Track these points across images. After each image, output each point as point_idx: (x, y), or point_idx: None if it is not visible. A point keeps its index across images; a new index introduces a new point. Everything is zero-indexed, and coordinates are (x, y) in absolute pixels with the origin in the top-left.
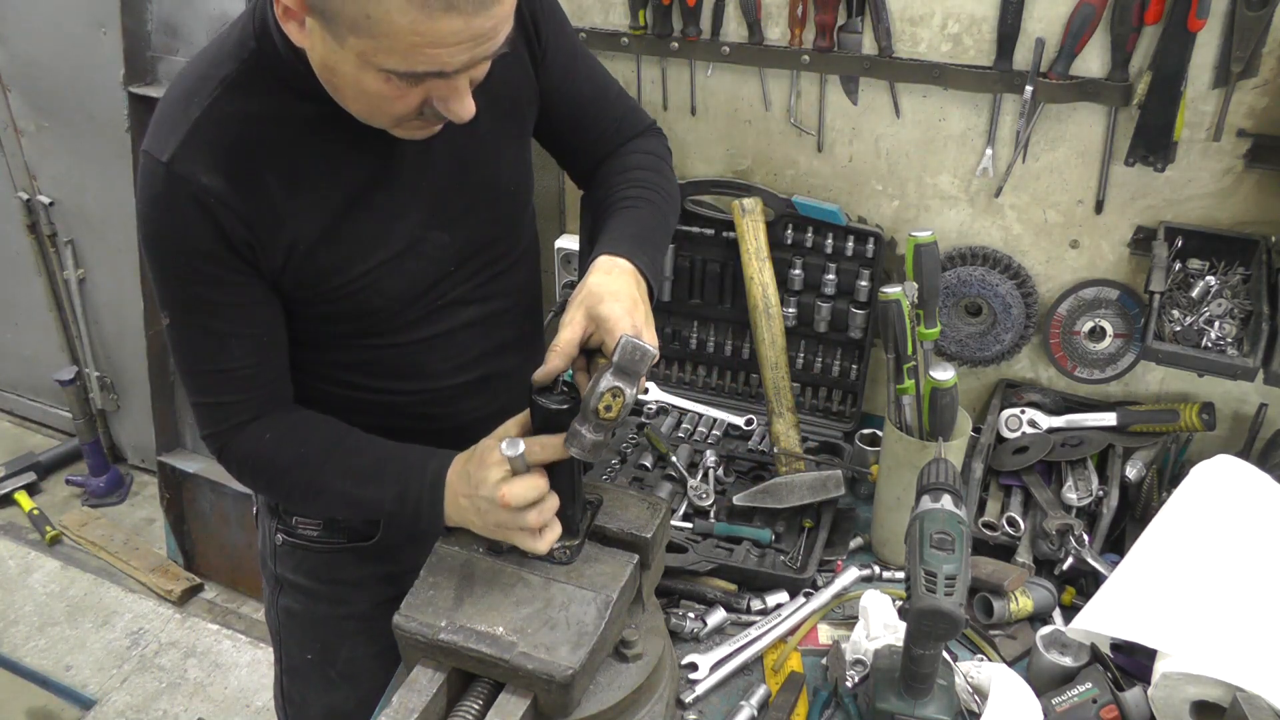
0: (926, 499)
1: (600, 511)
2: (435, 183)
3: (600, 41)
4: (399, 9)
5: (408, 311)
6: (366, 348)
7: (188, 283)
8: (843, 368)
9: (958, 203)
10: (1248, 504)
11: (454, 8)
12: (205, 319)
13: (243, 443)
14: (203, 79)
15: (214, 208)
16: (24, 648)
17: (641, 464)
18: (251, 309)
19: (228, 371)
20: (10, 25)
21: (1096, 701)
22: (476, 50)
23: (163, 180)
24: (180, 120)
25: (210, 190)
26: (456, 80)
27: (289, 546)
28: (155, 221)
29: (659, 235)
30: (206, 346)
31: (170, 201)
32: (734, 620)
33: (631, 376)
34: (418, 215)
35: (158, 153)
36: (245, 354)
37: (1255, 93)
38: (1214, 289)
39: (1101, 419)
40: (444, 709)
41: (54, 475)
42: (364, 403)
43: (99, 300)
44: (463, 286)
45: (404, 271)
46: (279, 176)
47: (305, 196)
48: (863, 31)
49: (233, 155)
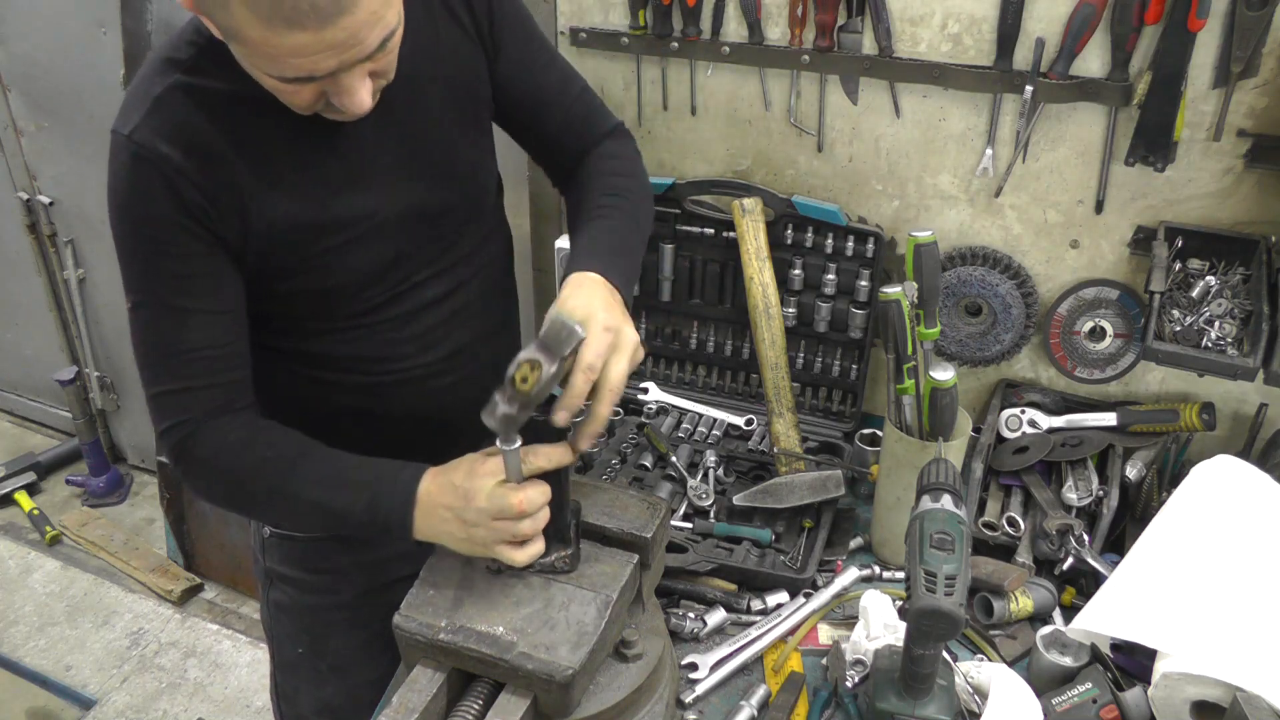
0: (926, 499)
1: (598, 512)
2: (389, 162)
3: (600, 41)
4: (248, 24)
5: (370, 291)
6: (331, 331)
7: (152, 255)
8: (843, 368)
9: (958, 203)
10: (1248, 504)
11: (297, 24)
12: (169, 295)
13: (206, 440)
14: (163, 63)
15: (173, 177)
16: (24, 648)
17: (641, 464)
18: (215, 282)
19: (192, 353)
20: (10, 25)
21: (1096, 701)
22: (344, 55)
23: (125, 151)
24: (142, 99)
25: (169, 160)
26: (339, 79)
27: (276, 538)
28: (120, 193)
29: (632, 240)
30: (171, 325)
31: (133, 171)
32: (734, 620)
33: (553, 353)
34: (374, 193)
35: (121, 128)
36: (209, 333)
37: (1255, 93)
38: (1214, 289)
39: (1101, 419)
40: (444, 709)
41: (54, 475)
42: (334, 388)
43: (99, 300)
44: (425, 269)
45: (365, 250)
46: (237, 152)
47: (263, 171)
48: (863, 31)
49: (191, 129)
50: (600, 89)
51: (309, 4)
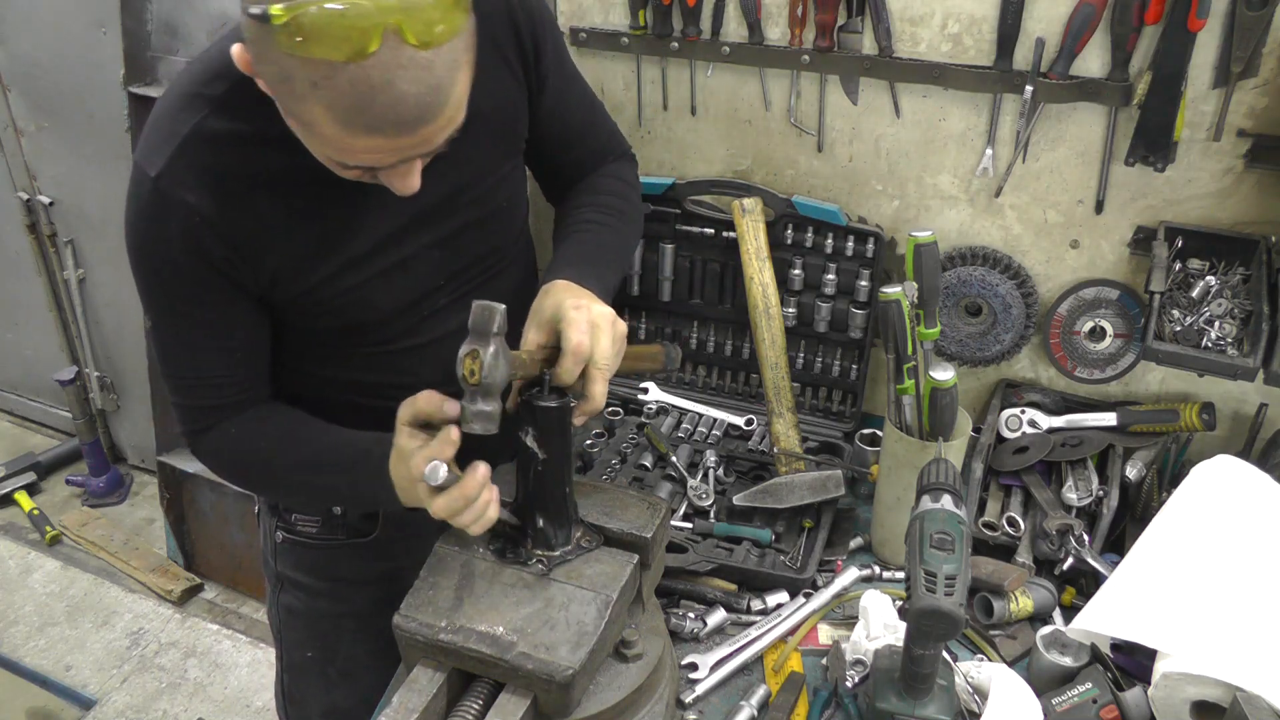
0: (926, 499)
1: (598, 512)
2: (427, 203)
3: (600, 41)
4: (324, 121)
5: (396, 323)
6: (354, 358)
7: (166, 294)
8: (843, 368)
9: (958, 203)
10: (1248, 504)
11: (376, 131)
12: (182, 329)
13: (212, 439)
14: (194, 96)
15: (198, 228)
16: (24, 648)
17: (641, 464)
18: (229, 325)
19: (203, 378)
20: (10, 25)
21: (1096, 701)
22: (410, 153)
23: (148, 195)
24: (169, 135)
25: (196, 210)
26: (398, 168)
27: (289, 544)
28: (140, 234)
29: (610, 254)
30: (183, 354)
31: (154, 217)
32: (734, 620)
33: (483, 334)
34: (409, 234)
35: (147, 166)
36: (220, 365)
37: (1255, 93)
38: (1214, 289)
39: (1101, 419)
40: (444, 709)
41: (54, 475)
42: (354, 411)
43: (99, 300)
44: (451, 297)
45: (394, 286)
46: (268, 196)
47: (296, 216)
48: (863, 31)
49: (221, 174)
50: (600, 89)
51: (394, 116)
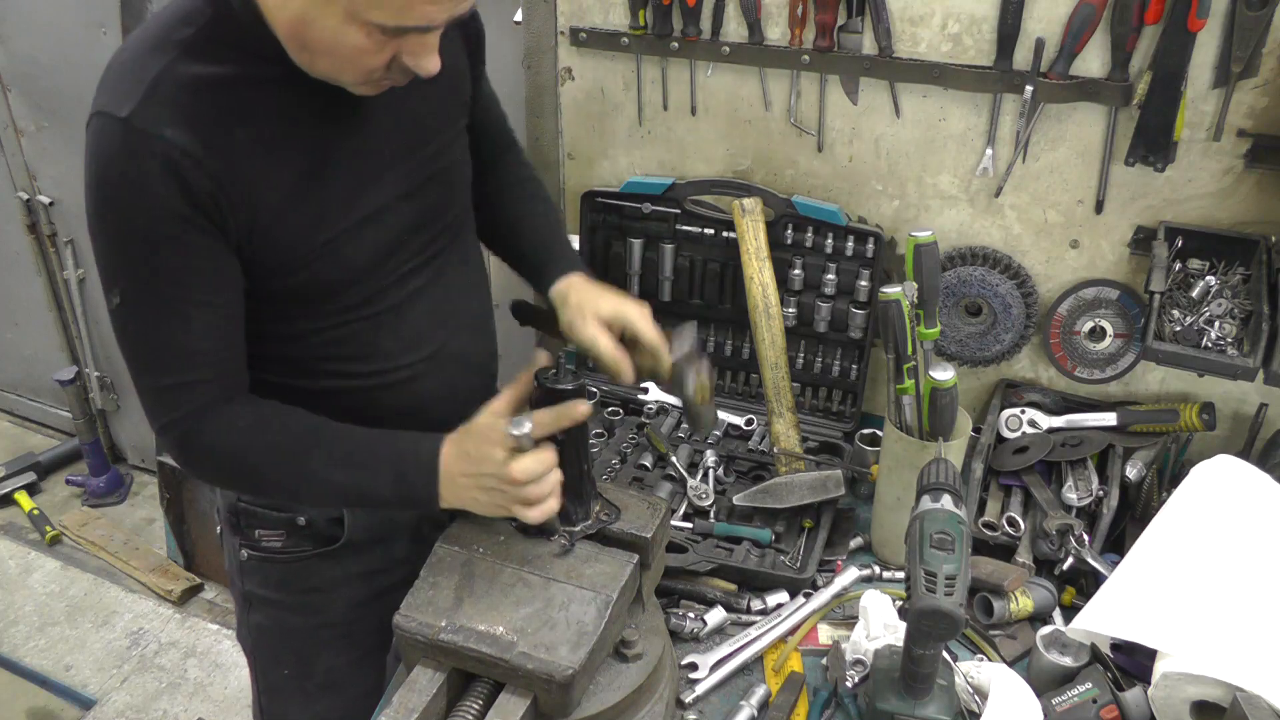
0: (926, 499)
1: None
2: (398, 150)
3: (600, 41)
4: None
5: (365, 283)
6: (315, 331)
7: (150, 249)
8: (843, 368)
9: (958, 203)
10: (1248, 504)
11: None
12: (168, 289)
13: (211, 430)
14: (157, 43)
15: (179, 162)
16: (24, 648)
17: (641, 464)
18: (218, 276)
19: (191, 347)
20: (10, 25)
21: (1096, 701)
22: (456, 9)
23: (121, 137)
24: (136, 81)
25: (175, 144)
26: (430, 36)
27: (255, 561)
28: (112, 184)
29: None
30: (168, 321)
31: (130, 158)
32: (734, 620)
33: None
34: (384, 182)
35: (114, 109)
36: (210, 326)
37: (1255, 93)
38: (1214, 289)
39: (1101, 419)
40: (444, 709)
41: (54, 475)
42: (316, 392)
43: (99, 300)
44: (414, 259)
45: (363, 240)
46: (246, 135)
47: (273, 156)
48: (863, 31)
49: (197, 110)
50: (600, 89)
51: None
